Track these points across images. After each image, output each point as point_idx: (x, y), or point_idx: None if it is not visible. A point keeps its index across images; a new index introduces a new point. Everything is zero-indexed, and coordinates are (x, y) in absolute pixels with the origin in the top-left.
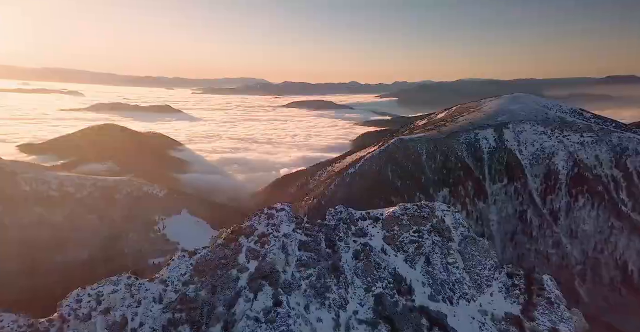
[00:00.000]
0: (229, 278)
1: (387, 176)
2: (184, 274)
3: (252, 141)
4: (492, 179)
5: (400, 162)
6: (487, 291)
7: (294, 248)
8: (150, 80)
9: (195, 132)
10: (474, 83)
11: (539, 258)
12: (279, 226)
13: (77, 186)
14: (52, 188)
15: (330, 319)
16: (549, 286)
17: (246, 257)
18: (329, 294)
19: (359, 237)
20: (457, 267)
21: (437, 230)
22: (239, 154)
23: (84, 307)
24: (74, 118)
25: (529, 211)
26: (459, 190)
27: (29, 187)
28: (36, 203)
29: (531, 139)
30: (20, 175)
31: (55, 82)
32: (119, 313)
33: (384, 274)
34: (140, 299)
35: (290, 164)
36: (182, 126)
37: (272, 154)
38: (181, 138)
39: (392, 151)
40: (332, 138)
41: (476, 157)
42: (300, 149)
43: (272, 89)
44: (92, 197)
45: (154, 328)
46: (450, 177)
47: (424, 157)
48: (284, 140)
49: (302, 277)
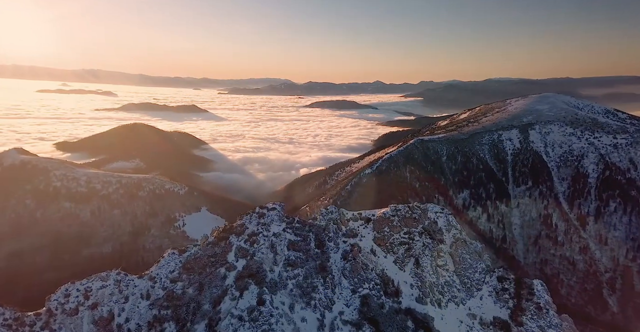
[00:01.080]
0: (217, 276)
1: (405, 177)
2: (173, 271)
3: (274, 141)
4: (516, 181)
5: (419, 163)
6: (477, 294)
7: (282, 248)
8: (179, 80)
9: (220, 131)
10: (503, 83)
11: (564, 264)
12: (269, 225)
13: (104, 183)
14: (81, 184)
15: (315, 319)
16: (539, 291)
17: (235, 256)
18: (315, 294)
19: (349, 238)
20: (447, 270)
21: (429, 232)
22: (261, 153)
23: (71, 302)
24: (107, 118)
25: (555, 215)
26: (480, 192)
27: (60, 183)
28: (66, 198)
29: (559, 141)
30: (53, 172)
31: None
32: (106, 308)
33: (371, 275)
34: (128, 295)
35: (310, 164)
36: (207, 126)
37: (292, 153)
38: (206, 137)
39: (411, 152)
40: (354, 138)
41: (499, 159)
42: (321, 149)
43: (296, 89)
44: (117, 193)
45: (139, 324)
46: (471, 179)
47: (444, 159)
48: (306, 140)
49: (289, 276)
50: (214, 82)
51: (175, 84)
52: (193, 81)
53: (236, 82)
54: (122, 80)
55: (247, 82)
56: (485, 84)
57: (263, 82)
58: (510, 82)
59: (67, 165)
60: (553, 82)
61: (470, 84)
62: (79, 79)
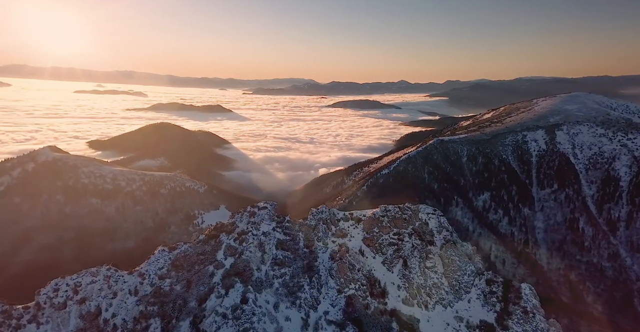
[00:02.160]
0: (204, 274)
1: (423, 177)
2: (162, 268)
3: (295, 141)
4: (540, 184)
5: (438, 164)
6: (465, 297)
7: (271, 246)
8: (206, 81)
9: (243, 131)
10: (535, 82)
11: (590, 271)
12: (259, 224)
13: (128, 180)
14: (107, 181)
15: (300, 319)
16: (527, 295)
17: (224, 254)
18: (301, 294)
19: (338, 238)
20: (435, 272)
21: (418, 233)
22: (281, 153)
23: (60, 296)
24: (137, 117)
25: (582, 219)
26: (501, 194)
27: (87, 180)
28: (93, 195)
29: (588, 142)
30: (81, 169)
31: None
32: (94, 303)
33: (357, 276)
34: (117, 290)
35: (330, 164)
36: (231, 125)
37: (313, 153)
38: (229, 137)
39: (430, 153)
40: (375, 138)
41: (523, 161)
42: (341, 149)
43: (319, 89)
44: (141, 190)
45: (125, 319)
46: (492, 180)
47: (465, 160)
48: (326, 140)
49: (276, 275)
50: (239, 82)
51: (202, 84)
52: (219, 82)
53: (261, 83)
54: (152, 81)
55: (271, 82)
56: (515, 83)
57: (287, 82)
58: (542, 81)
59: (95, 162)
60: (590, 80)
61: (498, 83)
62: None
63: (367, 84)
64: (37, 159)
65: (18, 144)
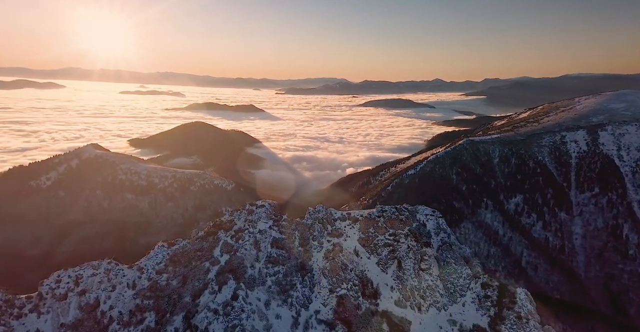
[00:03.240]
0: (200, 270)
1: (450, 179)
2: (160, 263)
3: (324, 140)
4: (580, 187)
5: (467, 165)
6: (460, 300)
7: (266, 244)
8: (240, 81)
9: (274, 130)
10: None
11: (634, 280)
12: (256, 222)
13: (161, 177)
14: (142, 178)
15: (290, 317)
16: (522, 300)
17: (220, 251)
18: (293, 292)
19: (334, 237)
20: (430, 274)
21: (414, 234)
22: (310, 152)
23: (62, 288)
24: (175, 117)
25: (626, 225)
26: (535, 197)
27: (124, 176)
28: (128, 190)
29: (636, 144)
30: (119, 166)
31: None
32: (94, 295)
33: (350, 276)
34: (116, 283)
35: (357, 164)
36: (263, 125)
37: (341, 153)
38: (260, 136)
39: (459, 153)
40: (406, 138)
41: (560, 162)
42: (370, 148)
43: (351, 89)
44: (172, 187)
45: (121, 312)
46: (526, 183)
47: (496, 161)
48: (356, 139)
49: (269, 273)
50: (272, 82)
51: (237, 84)
52: (253, 82)
53: (293, 82)
54: (190, 81)
55: (303, 82)
56: (561, 80)
57: (319, 81)
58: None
59: (132, 160)
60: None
61: (542, 81)
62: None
63: (400, 83)
64: (80, 156)
65: (68, 141)
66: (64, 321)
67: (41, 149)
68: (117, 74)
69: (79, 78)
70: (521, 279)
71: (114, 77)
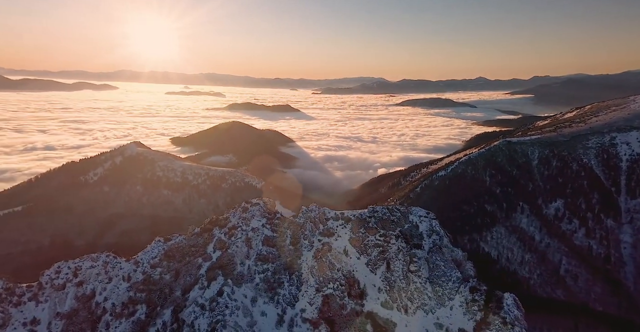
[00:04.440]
0: (193, 265)
1: (483, 181)
2: (155, 257)
3: (357, 140)
4: (631, 192)
5: (502, 167)
6: (448, 304)
7: (257, 242)
8: (278, 81)
9: (308, 130)
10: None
11: None
12: (249, 220)
13: (195, 175)
14: (177, 175)
15: (276, 314)
16: (509, 306)
17: (214, 247)
18: (280, 290)
19: (325, 237)
20: (419, 276)
21: (405, 236)
22: (342, 152)
23: (61, 278)
24: (214, 116)
25: None
26: (578, 202)
27: (161, 173)
28: (165, 187)
29: None
30: (157, 163)
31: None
32: (90, 287)
33: (337, 276)
34: (113, 276)
35: (390, 164)
36: (297, 124)
37: (374, 153)
38: (294, 135)
39: (494, 154)
40: (442, 138)
41: (609, 166)
42: (404, 148)
43: (388, 88)
44: (205, 184)
45: (114, 304)
46: (568, 186)
47: (535, 163)
48: (390, 139)
49: (258, 271)
50: (309, 82)
51: (275, 85)
52: (291, 82)
53: (330, 82)
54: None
55: (340, 81)
56: (621, 77)
57: (356, 81)
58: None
59: (169, 157)
60: None
61: (599, 78)
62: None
63: (440, 82)
64: (124, 153)
65: (117, 139)
66: (60, 310)
67: (93, 146)
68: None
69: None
70: (558, 288)
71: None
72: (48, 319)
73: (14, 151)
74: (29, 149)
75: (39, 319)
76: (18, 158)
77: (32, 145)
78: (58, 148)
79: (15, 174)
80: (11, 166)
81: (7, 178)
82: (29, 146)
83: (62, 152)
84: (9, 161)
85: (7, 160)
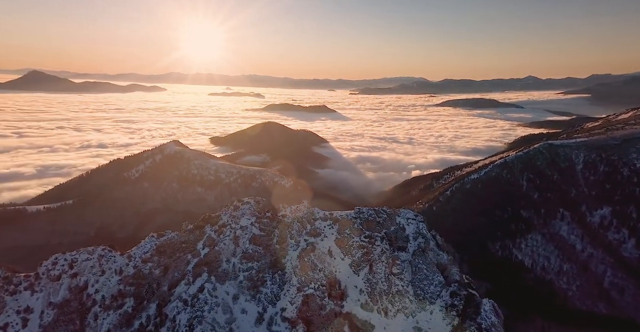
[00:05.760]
0: (182, 261)
1: (520, 185)
2: (147, 252)
3: (392, 141)
4: None
5: (542, 171)
6: (428, 308)
7: (245, 240)
8: (317, 82)
9: (343, 130)
10: None
11: None
12: (239, 218)
13: (227, 173)
14: (211, 173)
15: (256, 312)
16: (486, 312)
17: (203, 244)
18: (263, 288)
19: (311, 237)
20: (401, 279)
21: (390, 238)
22: (375, 152)
23: (57, 269)
24: (253, 117)
25: None
26: (628, 211)
27: (196, 171)
28: (199, 184)
29: None
30: (193, 161)
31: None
32: (84, 279)
33: (318, 276)
34: (106, 269)
35: (425, 166)
36: (333, 125)
37: (409, 154)
38: (328, 136)
39: (532, 157)
40: (483, 140)
41: None
42: (441, 150)
43: (429, 88)
44: (236, 183)
45: (104, 296)
46: (617, 193)
47: (580, 167)
48: (427, 140)
49: (243, 269)
50: (348, 83)
51: (313, 85)
52: (329, 83)
53: (368, 83)
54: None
55: (379, 81)
56: None
57: (395, 81)
58: None
59: (205, 156)
60: None
61: None
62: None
63: (485, 81)
64: (163, 152)
65: (162, 138)
66: (52, 300)
67: (140, 144)
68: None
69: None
70: (601, 302)
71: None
72: (41, 308)
73: (72, 148)
74: (84, 147)
75: (32, 307)
76: (75, 155)
77: (88, 143)
78: (109, 146)
79: (71, 169)
80: (69, 162)
81: (64, 173)
82: (85, 144)
83: (112, 149)
84: (67, 157)
85: (66, 157)
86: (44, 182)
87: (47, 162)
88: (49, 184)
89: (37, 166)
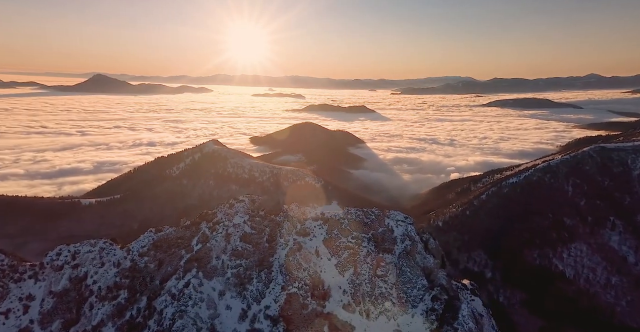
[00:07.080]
0: (176, 256)
1: (565, 191)
2: (144, 246)
3: (432, 142)
4: None
5: (591, 176)
6: (410, 311)
7: (235, 238)
8: (358, 82)
9: (381, 131)
10: None
11: None
12: (233, 216)
13: (260, 172)
14: (245, 172)
15: (240, 309)
16: (464, 317)
17: (197, 241)
18: (249, 286)
19: (300, 236)
20: (385, 281)
21: (376, 239)
22: (414, 154)
23: (60, 260)
24: (293, 117)
25: None
26: None
27: (232, 170)
28: (234, 182)
29: None
30: (229, 160)
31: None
32: (84, 270)
33: (302, 275)
34: (105, 261)
35: (465, 169)
36: (371, 125)
37: (449, 156)
38: (366, 137)
39: (580, 161)
40: (532, 142)
41: None
42: (484, 152)
43: (475, 87)
44: (269, 182)
45: (100, 287)
46: None
47: (636, 173)
48: (470, 142)
49: (231, 266)
50: (390, 82)
51: (354, 86)
52: (370, 83)
53: (411, 82)
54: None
55: (423, 81)
56: None
57: (440, 80)
58: None
59: (240, 155)
60: None
61: None
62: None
63: (539, 80)
64: (202, 150)
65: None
66: (53, 289)
67: (185, 143)
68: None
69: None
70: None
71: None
72: (42, 296)
73: (125, 146)
74: (136, 145)
75: (34, 295)
76: (127, 152)
77: (139, 141)
78: (158, 144)
79: (123, 166)
80: (122, 159)
81: (116, 169)
82: (137, 142)
83: (160, 148)
84: (120, 155)
85: (119, 154)
86: (99, 177)
87: (103, 158)
88: (102, 179)
89: (94, 162)
